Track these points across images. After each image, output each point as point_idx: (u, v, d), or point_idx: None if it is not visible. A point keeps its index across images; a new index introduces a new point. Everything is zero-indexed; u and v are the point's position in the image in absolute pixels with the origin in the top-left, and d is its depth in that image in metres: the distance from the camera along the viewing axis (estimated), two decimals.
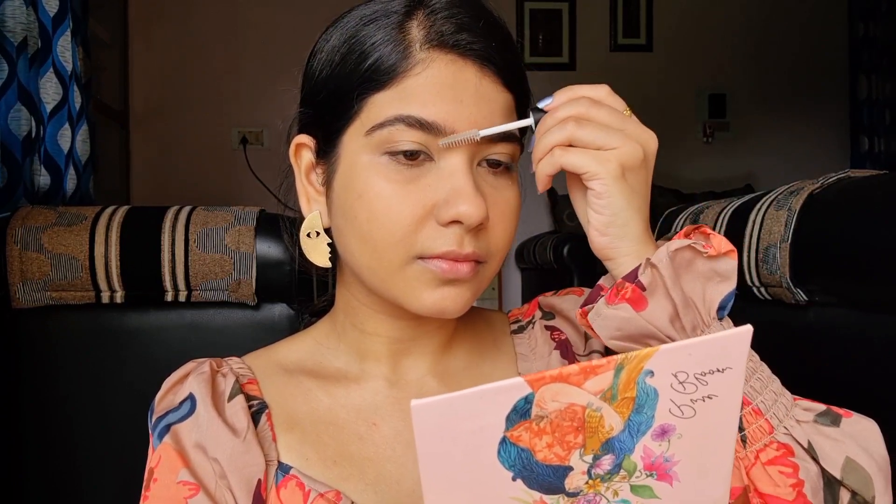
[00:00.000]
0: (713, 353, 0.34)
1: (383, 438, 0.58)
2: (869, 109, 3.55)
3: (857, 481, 0.50)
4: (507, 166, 0.56)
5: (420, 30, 0.53)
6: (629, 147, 0.50)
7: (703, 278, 0.52)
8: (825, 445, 0.51)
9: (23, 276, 0.96)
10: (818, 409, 0.53)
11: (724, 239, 0.51)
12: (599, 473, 0.37)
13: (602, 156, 0.50)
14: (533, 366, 0.63)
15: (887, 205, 0.76)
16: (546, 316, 0.67)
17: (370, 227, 0.53)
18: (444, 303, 0.54)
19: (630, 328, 0.51)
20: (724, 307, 0.52)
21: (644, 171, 0.51)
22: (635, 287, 0.50)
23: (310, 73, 0.59)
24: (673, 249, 0.50)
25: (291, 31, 3.18)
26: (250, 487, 0.54)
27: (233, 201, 1.10)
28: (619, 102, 0.53)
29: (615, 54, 3.59)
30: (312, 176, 0.60)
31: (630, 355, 0.33)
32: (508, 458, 0.34)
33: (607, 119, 0.50)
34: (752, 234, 0.94)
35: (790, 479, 0.50)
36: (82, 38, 1.48)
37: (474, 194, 0.51)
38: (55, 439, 1.01)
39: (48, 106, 1.32)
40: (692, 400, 0.35)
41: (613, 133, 0.50)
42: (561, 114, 0.51)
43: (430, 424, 0.32)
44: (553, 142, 0.51)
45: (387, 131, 0.52)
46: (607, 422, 0.35)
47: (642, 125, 0.52)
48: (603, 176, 0.49)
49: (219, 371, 0.60)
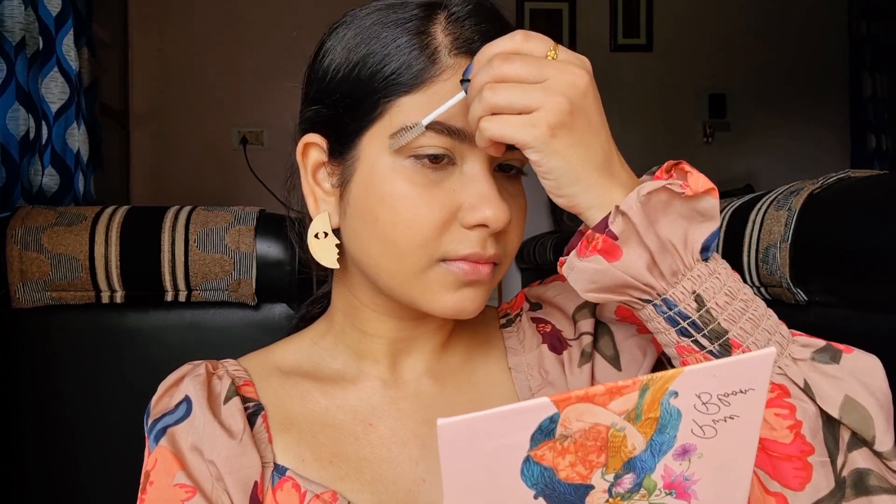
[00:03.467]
0: (737, 374, 0.34)
1: (380, 439, 0.58)
2: (869, 109, 3.55)
3: (857, 420, 0.48)
4: (519, 170, 0.57)
5: (446, 36, 0.53)
6: (553, 102, 0.46)
7: (683, 219, 0.49)
8: (823, 383, 0.49)
9: (23, 276, 0.96)
10: (817, 346, 0.51)
11: (702, 177, 0.49)
12: (620, 492, 0.37)
13: (527, 121, 0.46)
14: (522, 359, 0.63)
15: (887, 205, 0.76)
16: (533, 307, 0.67)
17: (394, 231, 0.53)
18: (463, 303, 0.54)
19: (605, 280, 0.49)
20: (707, 248, 0.50)
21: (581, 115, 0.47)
22: (606, 237, 0.48)
23: (321, 71, 0.58)
24: (644, 193, 0.47)
25: (291, 31, 3.18)
26: (247, 489, 0.54)
27: (233, 201, 1.10)
28: (540, 44, 0.48)
29: (615, 54, 3.59)
30: (320, 175, 0.59)
31: (655, 376, 0.33)
32: (531, 477, 0.35)
33: (524, 72, 0.47)
34: (752, 234, 0.94)
35: (787, 420, 0.48)
36: (87, 39, 1.48)
37: (499, 199, 0.52)
38: (55, 439, 1.01)
39: (53, 106, 1.32)
40: (714, 420, 0.35)
41: (532, 91, 0.46)
42: (476, 82, 0.48)
43: (455, 443, 0.32)
44: (477, 115, 0.48)
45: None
46: (630, 441, 0.35)
47: (567, 65, 0.47)
48: (533, 143, 0.47)
49: (215, 373, 0.60)
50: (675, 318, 0.50)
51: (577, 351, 0.62)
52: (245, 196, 3.06)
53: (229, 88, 3.24)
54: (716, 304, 0.49)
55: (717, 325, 0.49)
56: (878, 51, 3.53)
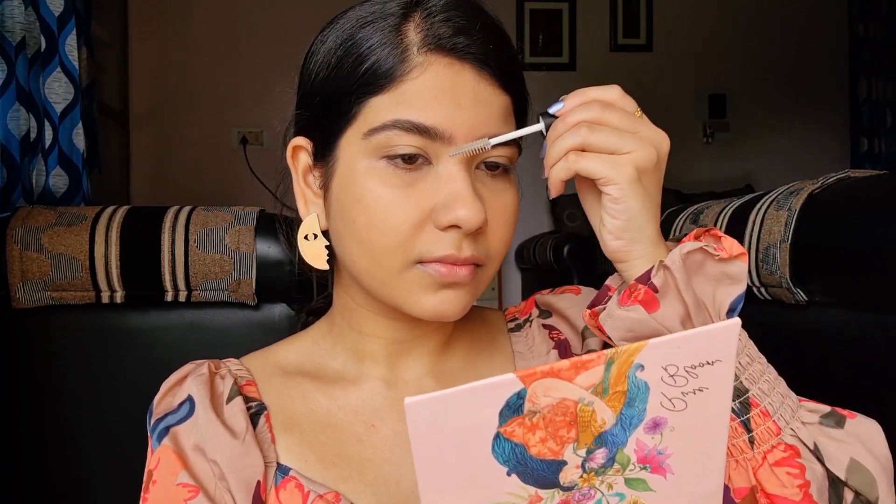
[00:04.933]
0: (702, 346, 0.34)
1: (382, 440, 0.58)
2: (869, 110, 3.55)
3: (862, 482, 0.50)
4: (506, 168, 0.56)
5: (417, 33, 0.52)
6: (644, 150, 0.49)
7: (713, 281, 0.52)
8: (830, 447, 0.51)
9: (23, 276, 0.96)
10: (823, 411, 0.53)
11: (734, 241, 0.51)
12: (593, 467, 0.37)
13: (617, 160, 0.49)
14: (531, 364, 0.63)
15: (887, 205, 0.76)
16: (543, 314, 0.67)
17: (368, 232, 0.53)
18: (443, 306, 0.54)
19: (642, 330, 0.51)
20: (734, 309, 0.52)
21: (658, 173, 0.51)
22: (648, 289, 0.50)
23: (306, 75, 0.59)
24: (685, 252, 0.50)
25: (291, 31, 3.18)
26: (250, 489, 0.54)
27: (233, 201, 1.10)
28: (631, 104, 0.52)
29: (615, 54, 3.59)
30: (310, 178, 0.60)
31: (620, 350, 0.33)
32: (503, 454, 0.35)
33: (620, 122, 0.50)
34: (752, 234, 0.94)
35: (797, 479, 0.50)
36: (86, 40, 1.48)
37: (472, 199, 0.51)
38: (55, 439, 1.01)
39: (57, 106, 1.32)
40: (683, 393, 0.35)
41: (627, 137, 0.50)
42: (573, 118, 0.51)
43: (423, 422, 0.32)
44: (567, 147, 0.50)
45: (384, 136, 0.52)
46: (599, 416, 0.35)
47: (654, 126, 0.51)
48: (619, 181, 0.49)
49: (217, 373, 0.60)
50: None
51: None
52: (245, 196, 3.06)
53: (229, 88, 3.24)
54: (739, 364, 0.51)
55: (739, 384, 0.51)
56: (877, 52, 3.53)
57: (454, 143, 0.52)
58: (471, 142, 0.52)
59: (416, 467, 0.34)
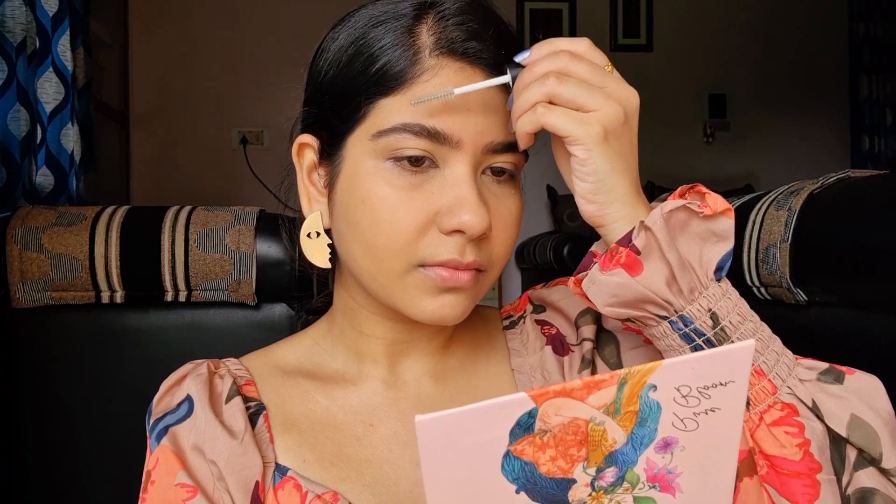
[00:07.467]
0: (716, 367, 0.34)
1: (381, 440, 0.58)
2: (869, 109, 3.55)
3: (864, 438, 0.49)
4: (511, 174, 0.55)
5: (430, 35, 0.52)
6: (611, 108, 0.48)
7: (699, 239, 0.50)
8: (829, 403, 0.50)
9: (23, 276, 0.96)
10: (821, 368, 0.52)
11: (719, 198, 0.50)
12: (602, 486, 0.37)
13: (584, 118, 0.48)
14: (525, 361, 0.63)
15: (887, 205, 0.76)
16: (537, 309, 0.67)
17: (372, 234, 0.53)
18: (443, 310, 0.53)
19: (626, 294, 0.50)
20: (721, 268, 0.51)
21: (628, 130, 0.49)
22: (629, 251, 0.49)
23: (315, 72, 0.58)
24: (667, 210, 0.48)
25: (292, 30, 3.18)
26: (248, 489, 0.54)
27: (233, 201, 1.10)
28: (601, 57, 0.50)
29: (615, 54, 3.59)
30: (314, 176, 0.59)
31: (633, 370, 0.33)
32: (512, 472, 0.35)
33: (589, 75, 0.48)
34: (752, 234, 0.94)
35: (796, 438, 0.49)
36: (84, 39, 1.47)
37: (478, 204, 0.51)
38: (55, 439, 1.01)
39: (48, 106, 1.32)
40: (695, 413, 0.35)
41: (595, 92, 0.48)
42: (540, 68, 0.49)
43: (434, 439, 0.32)
44: (534, 98, 0.49)
45: (392, 138, 0.51)
46: (610, 435, 0.35)
47: (623, 82, 0.50)
48: (585, 140, 0.48)
49: (216, 372, 0.60)
50: (691, 334, 0.50)
51: (577, 357, 0.62)
52: (245, 196, 3.06)
53: (229, 88, 3.24)
54: (729, 323, 0.50)
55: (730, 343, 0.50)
56: (878, 51, 3.53)
57: (462, 149, 0.52)
58: (471, 142, 0.52)
59: (425, 484, 0.34)
